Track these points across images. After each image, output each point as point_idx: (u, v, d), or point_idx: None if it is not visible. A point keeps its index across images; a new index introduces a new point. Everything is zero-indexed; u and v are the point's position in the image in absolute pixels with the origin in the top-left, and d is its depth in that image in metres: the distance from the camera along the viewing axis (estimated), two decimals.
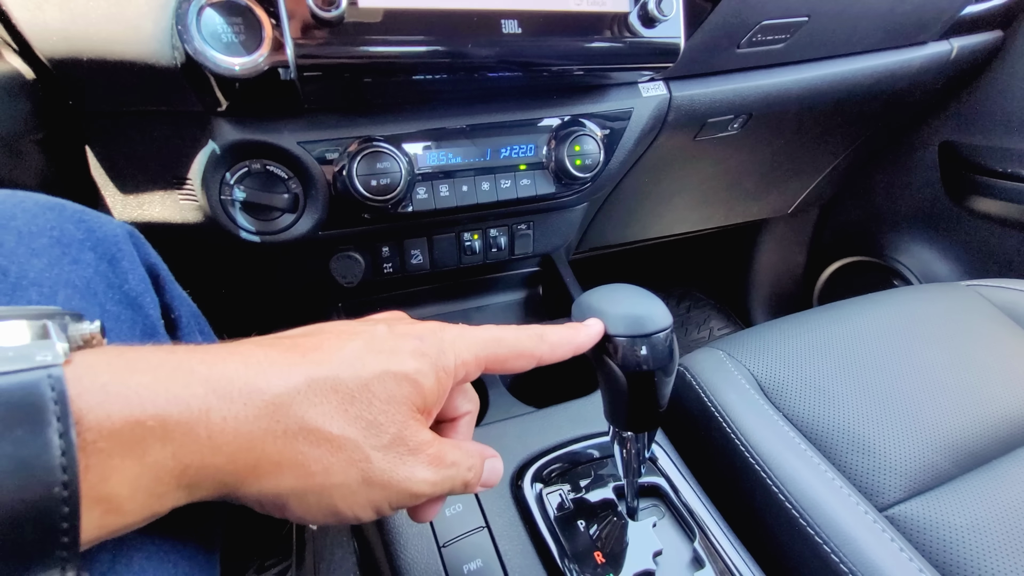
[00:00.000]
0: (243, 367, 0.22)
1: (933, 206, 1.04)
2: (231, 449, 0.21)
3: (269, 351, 0.23)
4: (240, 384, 0.21)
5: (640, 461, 0.40)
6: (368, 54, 0.41)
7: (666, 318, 0.36)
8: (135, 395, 0.19)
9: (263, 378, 0.22)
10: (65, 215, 0.26)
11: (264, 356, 0.23)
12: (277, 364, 0.23)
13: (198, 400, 0.20)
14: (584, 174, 0.57)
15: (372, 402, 0.24)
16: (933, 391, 0.55)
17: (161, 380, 0.20)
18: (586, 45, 0.48)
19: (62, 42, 0.42)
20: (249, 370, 0.22)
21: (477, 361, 0.28)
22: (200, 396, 0.20)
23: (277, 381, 0.22)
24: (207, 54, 0.39)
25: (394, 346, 0.26)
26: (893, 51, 0.78)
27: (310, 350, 0.24)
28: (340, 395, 0.23)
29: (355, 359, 0.24)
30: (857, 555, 0.40)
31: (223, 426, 0.20)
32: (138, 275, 0.28)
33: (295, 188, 0.49)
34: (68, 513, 0.17)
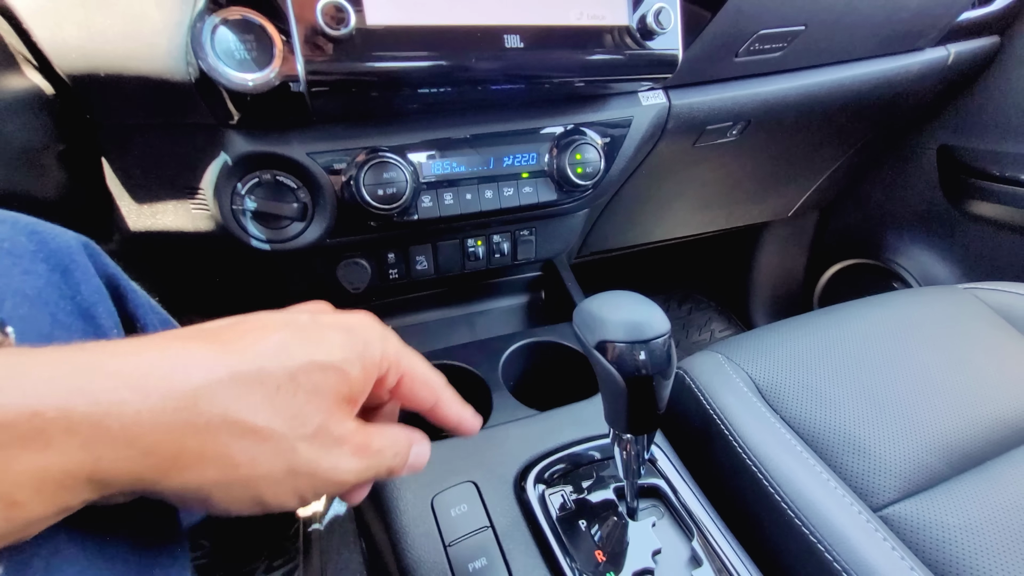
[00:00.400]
0: (160, 359, 0.22)
1: (931, 209, 1.04)
2: (148, 442, 0.20)
3: (188, 343, 0.23)
4: (157, 377, 0.21)
5: (640, 462, 0.41)
6: (376, 70, 0.43)
7: (664, 324, 0.37)
8: (32, 387, 0.19)
9: (182, 371, 0.22)
10: (18, 227, 0.27)
11: (183, 348, 0.23)
12: (197, 356, 0.22)
13: (108, 393, 0.20)
14: (585, 182, 0.58)
15: (297, 392, 0.24)
16: (928, 393, 0.56)
17: (65, 374, 0.20)
18: (587, 58, 0.49)
19: (81, 59, 0.43)
20: (166, 362, 0.22)
21: (398, 362, 0.29)
22: (110, 389, 0.20)
23: (197, 373, 0.22)
24: (221, 70, 0.41)
25: (320, 336, 0.26)
26: (890, 57, 0.79)
27: (232, 340, 0.24)
28: (265, 387, 0.23)
29: (280, 350, 0.24)
30: (850, 554, 0.41)
31: (138, 419, 0.20)
32: (91, 286, 0.28)
33: (304, 197, 0.51)
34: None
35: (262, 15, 0.41)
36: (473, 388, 0.60)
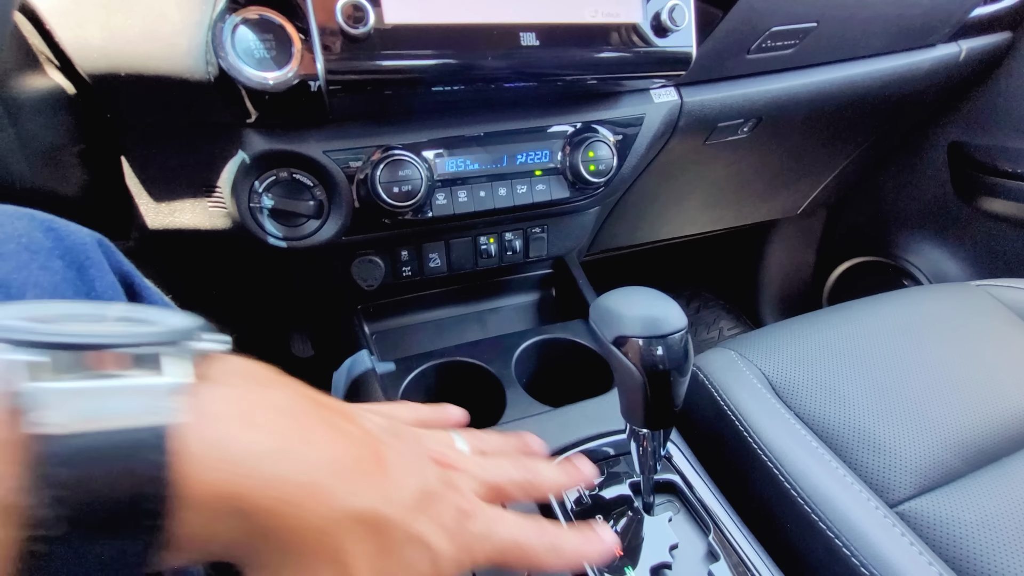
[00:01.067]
0: (329, 469, 0.22)
1: (943, 206, 1.04)
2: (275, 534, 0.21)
3: (355, 456, 0.23)
4: (321, 485, 0.21)
5: (656, 458, 0.42)
6: (394, 68, 0.43)
7: (681, 320, 0.37)
8: (238, 471, 0.19)
9: (339, 487, 0.22)
10: (35, 223, 0.27)
11: (345, 457, 0.23)
12: (355, 478, 0.23)
13: (290, 491, 0.20)
14: (598, 179, 0.58)
15: (398, 564, 0.24)
16: (943, 389, 0.56)
17: (268, 456, 0.20)
18: (601, 55, 0.49)
19: (102, 59, 0.44)
20: (335, 477, 0.22)
21: (486, 563, 0.28)
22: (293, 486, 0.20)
23: (350, 497, 0.22)
24: (240, 69, 0.41)
25: (440, 512, 0.25)
26: (902, 54, 0.79)
27: (376, 468, 0.24)
28: (380, 540, 0.23)
29: (412, 507, 0.24)
30: (868, 549, 0.41)
31: (293, 520, 0.21)
32: (106, 282, 0.28)
33: (320, 195, 0.51)
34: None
35: (281, 14, 0.41)
36: (486, 385, 0.60)
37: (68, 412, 0.17)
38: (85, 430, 0.17)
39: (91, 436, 0.17)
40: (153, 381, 0.19)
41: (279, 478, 0.20)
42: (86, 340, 0.18)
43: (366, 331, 0.68)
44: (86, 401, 0.17)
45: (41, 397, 0.17)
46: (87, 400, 0.17)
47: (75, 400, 0.17)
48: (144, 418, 0.18)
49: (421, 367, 0.60)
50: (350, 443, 0.24)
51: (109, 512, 0.17)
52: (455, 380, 0.62)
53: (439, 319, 0.74)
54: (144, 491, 0.17)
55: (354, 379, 0.59)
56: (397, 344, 0.71)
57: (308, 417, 0.23)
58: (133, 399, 0.18)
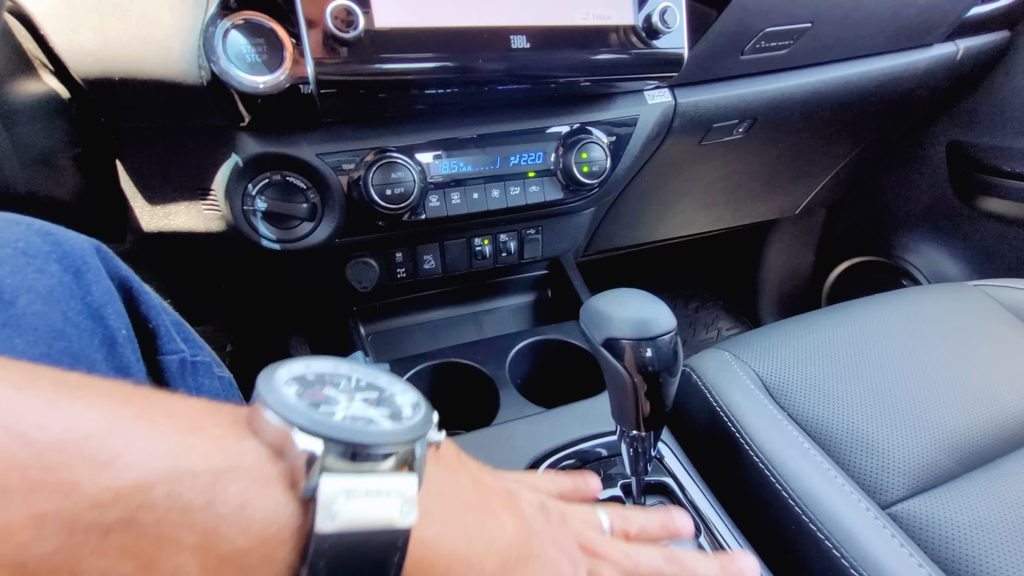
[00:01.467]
0: (500, 570, 0.23)
1: (941, 206, 1.04)
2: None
3: (513, 551, 0.24)
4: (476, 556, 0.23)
5: (647, 459, 0.42)
6: (385, 71, 0.43)
7: (670, 321, 0.38)
8: (444, 566, 0.21)
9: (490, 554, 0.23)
10: (32, 229, 0.27)
11: (509, 555, 0.24)
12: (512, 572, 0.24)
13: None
14: (591, 180, 0.58)
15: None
16: (938, 390, 0.56)
17: (465, 551, 0.22)
18: (592, 57, 0.49)
19: (96, 63, 0.44)
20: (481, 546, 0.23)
21: None
22: None
23: (490, 556, 0.23)
24: (232, 73, 0.42)
25: (561, 538, 0.27)
26: (898, 53, 0.78)
27: (533, 563, 0.25)
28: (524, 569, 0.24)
29: (543, 531, 0.26)
30: (859, 550, 0.41)
31: None
32: (102, 287, 0.29)
33: (313, 198, 0.52)
34: None
35: (272, 19, 0.41)
36: (480, 386, 0.61)
37: (344, 507, 0.18)
38: (352, 529, 0.18)
39: (357, 533, 0.18)
40: (408, 482, 0.20)
41: (451, 564, 0.21)
42: (367, 439, 0.19)
43: (362, 332, 0.69)
44: (358, 497, 0.18)
45: (328, 490, 0.18)
46: (359, 496, 0.18)
47: (351, 495, 0.18)
48: (398, 517, 0.19)
49: (416, 368, 0.60)
50: (516, 541, 0.25)
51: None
52: (450, 381, 0.62)
53: (435, 320, 0.74)
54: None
55: None
56: (393, 345, 0.71)
57: (487, 510, 0.24)
58: (391, 498, 0.19)
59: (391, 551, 0.19)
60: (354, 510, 0.18)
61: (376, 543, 0.18)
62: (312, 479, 0.17)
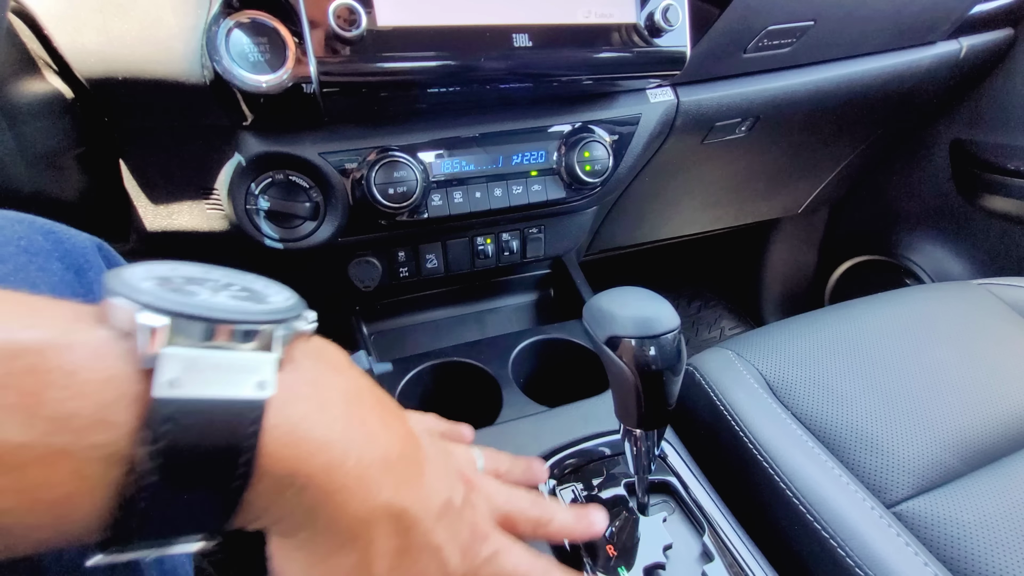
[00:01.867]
0: (382, 465, 0.23)
1: (944, 204, 1.03)
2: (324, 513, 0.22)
3: (403, 455, 0.25)
4: (373, 479, 0.23)
5: (650, 458, 0.42)
6: (387, 70, 0.43)
7: (674, 320, 0.37)
8: (308, 451, 0.21)
9: (386, 484, 0.23)
10: (35, 227, 0.28)
11: (395, 456, 0.24)
12: (400, 477, 0.24)
13: (343, 475, 0.22)
14: (594, 179, 0.58)
15: (413, 568, 0.25)
16: (942, 389, 0.56)
17: (336, 443, 0.21)
18: (595, 56, 0.49)
19: (99, 63, 0.44)
20: (385, 473, 0.23)
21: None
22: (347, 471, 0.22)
23: (392, 493, 0.23)
24: (235, 72, 0.42)
25: (458, 527, 0.27)
26: (901, 51, 0.78)
27: (417, 472, 0.25)
28: (404, 540, 0.24)
29: (436, 516, 0.25)
30: (863, 549, 0.41)
31: (340, 503, 0.22)
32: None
33: (316, 197, 0.52)
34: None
35: (275, 18, 0.41)
36: (483, 385, 0.60)
37: (189, 377, 0.18)
38: (199, 396, 0.18)
39: (202, 402, 0.18)
40: (263, 357, 0.20)
41: (340, 465, 0.22)
42: (214, 315, 0.19)
43: (364, 332, 0.69)
44: (204, 369, 0.19)
45: (169, 360, 0.18)
46: (205, 368, 0.19)
47: (196, 367, 0.18)
48: (250, 391, 0.19)
49: (418, 367, 0.60)
50: (401, 443, 0.25)
51: (198, 471, 0.18)
52: (452, 380, 0.62)
53: (437, 320, 0.74)
54: (235, 456, 0.19)
55: None
56: (395, 345, 0.71)
57: (370, 410, 0.24)
58: (244, 373, 0.19)
59: (243, 423, 0.19)
60: (199, 379, 0.18)
61: (225, 414, 0.18)
62: (153, 348, 0.18)
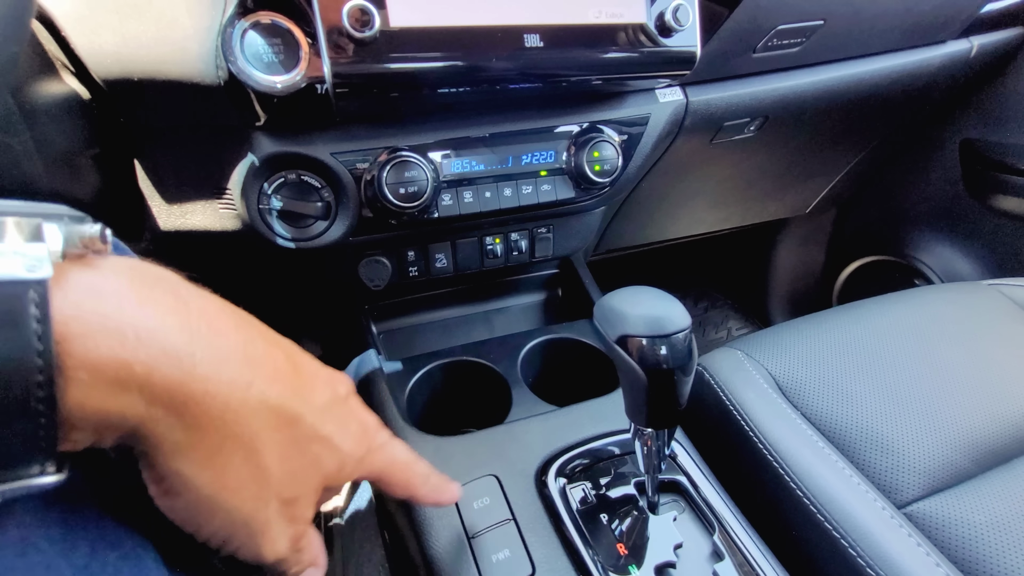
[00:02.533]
0: (243, 359, 0.23)
1: (954, 204, 1.03)
2: (190, 416, 0.21)
3: (267, 353, 0.24)
4: (237, 373, 0.22)
5: (660, 457, 0.42)
6: (400, 71, 0.43)
7: (685, 319, 0.37)
8: (137, 344, 0.19)
9: (256, 380, 0.23)
10: None
11: (258, 353, 0.24)
12: (269, 373, 0.24)
13: (192, 364, 0.21)
14: (603, 179, 0.58)
15: (306, 458, 0.25)
16: (953, 390, 0.56)
17: (172, 332, 0.20)
18: (605, 56, 0.49)
19: (115, 64, 0.45)
20: (250, 369, 0.23)
21: (376, 475, 0.31)
22: (198, 360, 0.21)
23: (264, 388, 0.23)
24: (249, 73, 0.42)
25: (347, 421, 0.28)
26: (911, 51, 0.78)
27: (292, 371, 0.25)
28: (291, 433, 0.24)
29: (322, 410, 0.26)
30: (875, 549, 0.41)
31: (203, 398, 0.21)
32: None
33: (328, 197, 0.52)
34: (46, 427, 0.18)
35: (289, 19, 0.42)
36: (492, 384, 0.61)
37: None
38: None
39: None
40: (36, 247, 0.18)
41: (189, 357, 0.21)
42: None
43: (373, 331, 0.69)
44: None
45: None
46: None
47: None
48: (20, 273, 0.17)
49: (428, 366, 0.61)
50: (259, 340, 0.25)
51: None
52: (461, 379, 0.62)
53: (446, 319, 0.74)
54: (22, 348, 0.17)
55: (362, 378, 0.59)
56: (404, 344, 0.72)
57: (213, 310, 0.23)
58: (11, 258, 0.18)
59: (21, 303, 0.17)
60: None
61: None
62: None
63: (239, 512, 0.24)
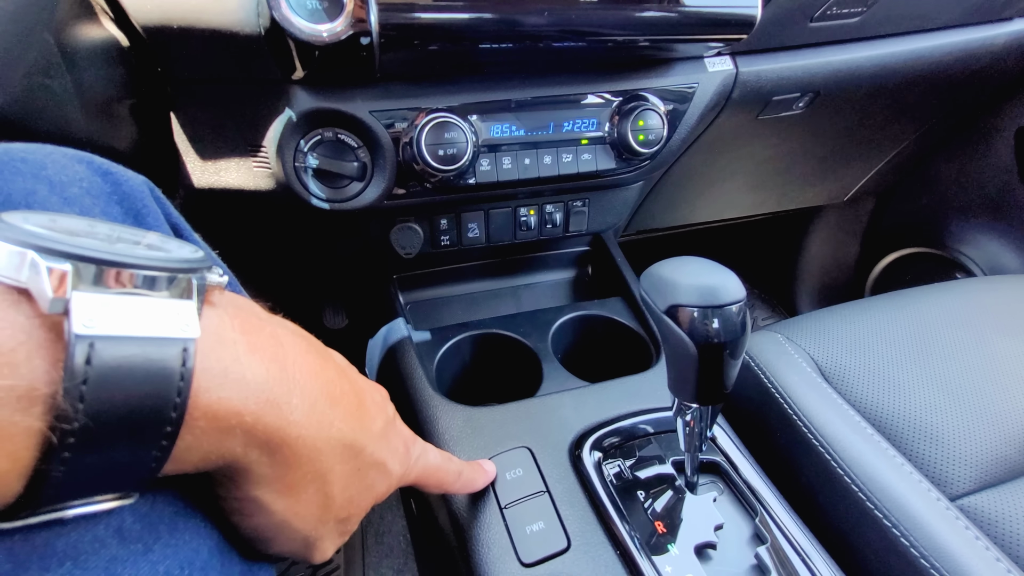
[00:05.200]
0: (326, 400, 0.25)
1: (1005, 196, 0.98)
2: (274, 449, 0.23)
3: (343, 391, 0.26)
4: (322, 413, 0.24)
5: (703, 437, 0.40)
6: (448, 21, 0.41)
7: (739, 290, 0.35)
8: (246, 392, 0.21)
9: (336, 418, 0.25)
10: (93, 167, 0.27)
11: (335, 391, 0.26)
12: (344, 411, 0.26)
13: (290, 411, 0.22)
14: (646, 149, 0.56)
15: (364, 483, 0.28)
16: (1006, 383, 0.53)
17: (275, 382, 0.22)
18: (662, 14, 0.47)
19: (155, 10, 0.44)
20: (331, 407, 0.25)
21: (413, 483, 0.34)
22: (295, 407, 0.23)
23: (341, 426, 0.25)
24: (292, 21, 0.40)
25: (394, 442, 0.30)
26: (975, 27, 0.73)
27: (358, 403, 0.27)
28: (355, 463, 0.26)
29: (379, 437, 0.28)
30: (929, 540, 0.39)
31: (295, 441, 0.23)
32: (162, 232, 0.28)
33: (364, 157, 0.51)
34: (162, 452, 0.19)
35: None
36: (522, 358, 0.59)
37: (105, 318, 0.17)
38: (120, 333, 0.18)
39: (124, 339, 0.18)
40: (182, 303, 0.20)
41: (287, 403, 0.22)
42: (124, 260, 0.18)
43: (401, 300, 0.68)
44: (122, 312, 0.18)
45: (81, 302, 0.17)
46: (123, 311, 0.18)
47: (111, 309, 0.18)
48: (175, 332, 0.19)
49: (457, 337, 0.59)
50: (339, 378, 0.27)
51: (126, 416, 0.18)
52: (490, 352, 0.61)
53: (473, 293, 0.73)
54: (165, 398, 0.18)
55: (391, 346, 0.58)
56: (431, 315, 0.71)
57: (304, 350, 0.25)
58: (164, 315, 0.19)
59: (170, 363, 0.18)
60: (116, 320, 0.17)
61: (151, 353, 0.18)
62: (62, 293, 0.16)
63: (302, 532, 0.26)
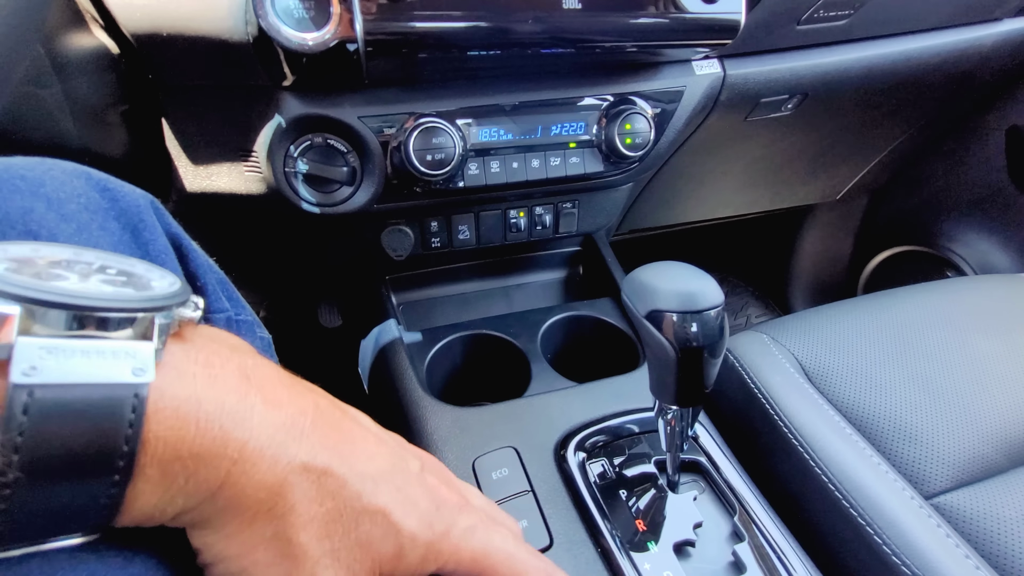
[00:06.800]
0: (286, 431, 0.21)
1: (995, 195, 0.98)
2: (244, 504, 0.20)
3: (318, 422, 0.23)
4: (273, 442, 0.21)
5: (684, 437, 0.41)
6: (432, 29, 0.42)
7: (717, 296, 0.36)
8: (203, 425, 0.19)
9: (291, 444, 0.21)
10: (91, 182, 0.27)
11: (304, 421, 0.22)
12: (317, 442, 0.22)
13: (239, 446, 0.20)
14: (634, 153, 0.57)
15: (351, 536, 0.22)
16: (986, 382, 0.54)
17: (228, 410, 0.20)
18: (646, 21, 0.47)
19: (145, 19, 0.44)
20: (288, 434, 0.21)
21: (463, 565, 0.25)
22: (246, 441, 0.20)
23: (307, 458, 0.22)
24: (279, 29, 0.41)
25: (414, 492, 0.24)
26: (964, 28, 0.74)
27: (337, 434, 0.23)
28: (332, 504, 0.22)
29: (373, 477, 0.23)
30: (902, 538, 0.40)
31: (238, 478, 0.20)
32: (159, 245, 0.28)
33: (353, 161, 0.51)
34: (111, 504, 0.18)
35: None
36: (511, 358, 0.60)
37: (50, 365, 0.17)
38: (63, 381, 0.17)
39: (67, 387, 0.17)
40: (139, 345, 0.19)
41: (233, 436, 0.20)
42: (76, 302, 0.18)
43: (393, 301, 0.69)
44: (69, 357, 0.17)
45: (24, 349, 0.17)
46: (70, 356, 0.17)
47: (58, 354, 0.17)
48: (125, 376, 0.18)
49: (447, 338, 0.60)
50: (315, 411, 0.23)
51: (65, 465, 0.17)
52: (480, 352, 0.62)
53: (465, 293, 0.74)
54: (111, 447, 0.17)
55: (382, 347, 0.59)
56: (423, 316, 0.71)
57: (273, 382, 0.23)
58: (117, 360, 0.18)
59: (118, 410, 0.17)
60: (62, 368, 0.17)
61: (98, 399, 0.17)
62: (5, 338, 0.16)
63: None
